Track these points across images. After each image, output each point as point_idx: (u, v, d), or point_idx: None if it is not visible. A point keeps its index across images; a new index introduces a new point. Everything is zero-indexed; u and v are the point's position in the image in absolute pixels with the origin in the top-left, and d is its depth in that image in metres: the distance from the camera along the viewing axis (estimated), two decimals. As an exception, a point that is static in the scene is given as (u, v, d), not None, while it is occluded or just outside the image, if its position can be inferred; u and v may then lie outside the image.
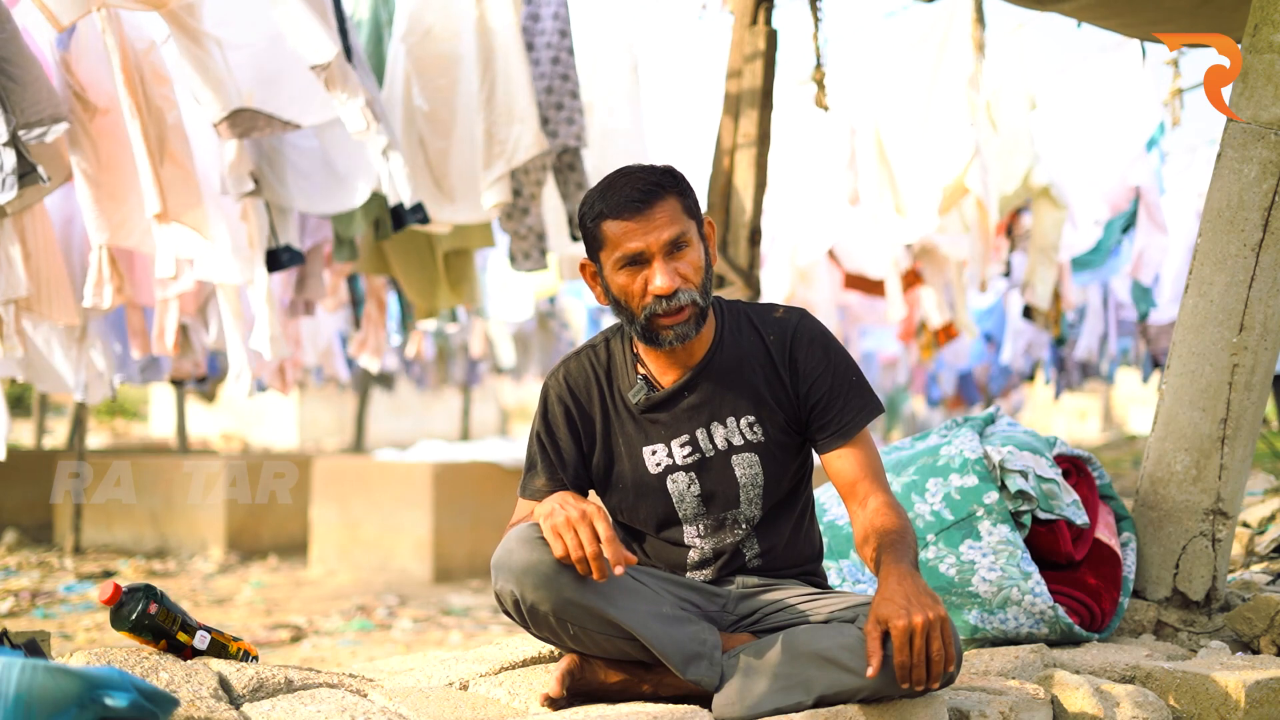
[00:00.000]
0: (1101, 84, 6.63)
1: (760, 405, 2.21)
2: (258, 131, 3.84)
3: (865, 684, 1.97)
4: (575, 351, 2.32)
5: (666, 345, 2.14)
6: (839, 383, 2.20)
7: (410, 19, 4.48)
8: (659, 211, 2.09)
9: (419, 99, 4.48)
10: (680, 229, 2.11)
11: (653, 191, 2.10)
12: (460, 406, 15.87)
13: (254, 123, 3.80)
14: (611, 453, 2.26)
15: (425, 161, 4.53)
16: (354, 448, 13.88)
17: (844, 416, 2.19)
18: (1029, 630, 2.69)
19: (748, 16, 4.27)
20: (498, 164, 4.35)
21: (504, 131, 4.34)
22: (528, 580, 2.02)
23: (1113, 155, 6.69)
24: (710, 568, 2.26)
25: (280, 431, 19.36)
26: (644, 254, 2.10)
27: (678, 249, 2.11)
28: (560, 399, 2.26)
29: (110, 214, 3.95)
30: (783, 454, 2.23)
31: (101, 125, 3.92)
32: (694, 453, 2.22)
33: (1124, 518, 2.95)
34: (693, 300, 2.12)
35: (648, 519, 2.27)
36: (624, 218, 2.09)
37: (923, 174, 5.61)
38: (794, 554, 2.29)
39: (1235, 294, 2.86)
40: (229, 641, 2.22)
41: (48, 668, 1.45)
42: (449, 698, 2.18)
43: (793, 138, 7.04)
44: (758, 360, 2.23)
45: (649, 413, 2.23)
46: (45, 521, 9.60)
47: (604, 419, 2.25)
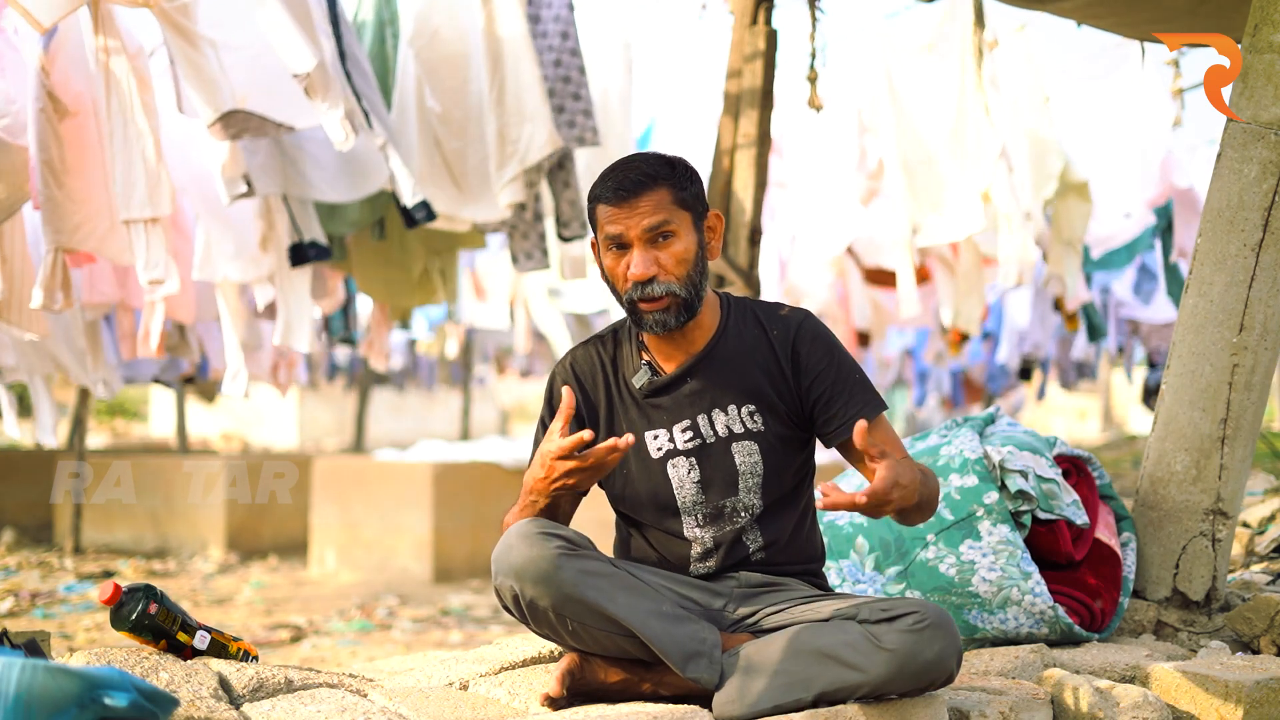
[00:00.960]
0: (1119, 76, 6.60)
1: (761, 396, 2.24)
2: (250, 133, 3.84)
3: (866, 680, 1.98)
4: (584, 341, 2.37)
5: (650, 330, 2.19)
6: (842, 378, 2.23)
7: (417, 22, 4.51)
8: (644, 200, 2.14)
9: (431, 101, 4.52)
10: (663, 218, 2.14)
11: (642, 181, 2.15)
12: (460, 406, 15.87)
13: (246, 124, 3.80)
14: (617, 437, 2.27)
15: (443, 161, 4.58)
16: (354, 448, 13.87)
17: (849, 409, 2.21)
18: (1029, 630, 2.69)
19: (748, 16, 4.27)
20: (511, 164, 4.39)
21: (515, 131, 4.38)
22: (527, 576, 2.03)
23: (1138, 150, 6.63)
24: (713, 559, 2.26)
25: (280, 431, 19.35)
26: (624, 239, 2.15)
27: (661, 239, 2.15)
28: (567, 385, 2.29)
29: (69, 216, 3.92)
30: (783, 446, 2.25)
31: (70, 127, 3.90)
32: (695, 438, 2.24)
33: (1124, 518, 2.95)
34: (670, 291, 2.15)
35: (648, 507, 2.27)
36: (610, 203, 2.16)
37: (957, 174, 5.58)
38: (796, 551, 2.29)
39: (1235, 294, 2.86)
40: (229, 641, 2.22)
41: (48, 668, 1.45)
42: (449, 698, 2.18)
43: (809, 136, 7.04)
44: (760, 353, 2.26)
45: (652, 397, 2.26)
46: (45, 521, 9.59)
47: (608, 406, 2.29)
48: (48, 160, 3.84)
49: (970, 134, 5.48)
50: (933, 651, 1.99)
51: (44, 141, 3.84)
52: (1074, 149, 6.27)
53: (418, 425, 18.53)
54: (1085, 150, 6.51)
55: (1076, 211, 6.25)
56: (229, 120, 3.75)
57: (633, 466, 2.26)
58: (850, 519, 2.85)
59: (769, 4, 4.27)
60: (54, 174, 3.86)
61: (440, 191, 4.53)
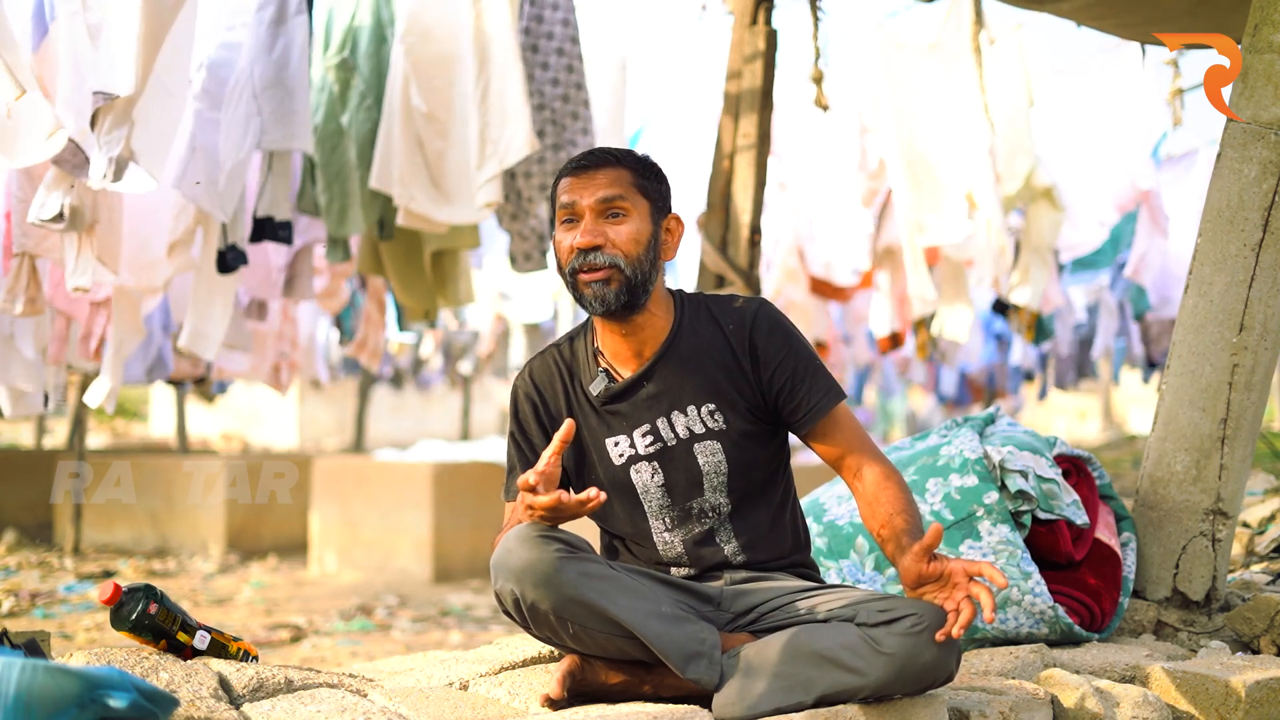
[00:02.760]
0: (1105, 83, 6.60)
1: (719, 394, 2.22)
2: (66, 166, 3.53)
3: (866, 683, 1.98)
4: (540, 351, 2.36)
5: (590, 307, 2.17)
6: (802, 366, 2.22)
7: (410, 19, 4.47)
8: (601, 174, 2.16)
9: (417, 99, 4.47)
10: (618, 192, 2.15)
11: (604, 159, 2.18)
12: (460, 406, 15.87)
13: (73, 158, 3.49)
14: (581, 447, 2.28)
15: (423, 161, 4.52)
16: (354, 448, 13.88)
17: (812, 397, 2.21)
18: (1029, 630, 2.69)
19: (748, 17, 4.27)
20: (490, 164, 4.35)
21: (497, 131, 4.34)
22: (527, 579, 2.02)
23: (1117, 156, 6.64)
24: (687, 561, 2.26)
25: (280, 431, 19.37)
26: (576, 208, 2.16)
27: (613, 215, 2.16)
28: (528, 397, 2.30)
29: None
30: (747, 442, 2.23)
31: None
32: (655, 441, 2.23)
33: (1124, 518, 2.95)
34: (614, 264, 2.14)
35: (618, 515, 2.28)
36: (570, 174, 2.18)
37: (949, 177, 5.58)
38: (776, 545, 2.28)
39: (1235, 294, 2.86)
40: (229, 641, 2.22)
41: (48, 668, 1.45)
42: (449, 698, 2.18)
43: (801, 138, 7.03)
44: (716, 349, 2.24)
45: (609, 404, 2.25)
46: (45, 521, 9.60)
47: (569, 415, 2.27)
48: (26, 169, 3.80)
49: (964, 135, 5.48)
50: (932, 654, 1.98)
51: None
52: (1053, 154, 6.27)
53: (418, 425, 18.54)
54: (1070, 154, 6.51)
55: (1047, 219, 6.25)
56: (65, 151, 3.48)
57: (599, 474, 2.26)
58: (850, 518, 2.85)
59: (769, 4, 4.27)
60: (29, 178, 3.80)
61: (417, 190, 4.49)
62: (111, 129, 3.37)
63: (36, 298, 3.96)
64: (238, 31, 4.28)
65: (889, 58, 5.69)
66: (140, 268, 4.45)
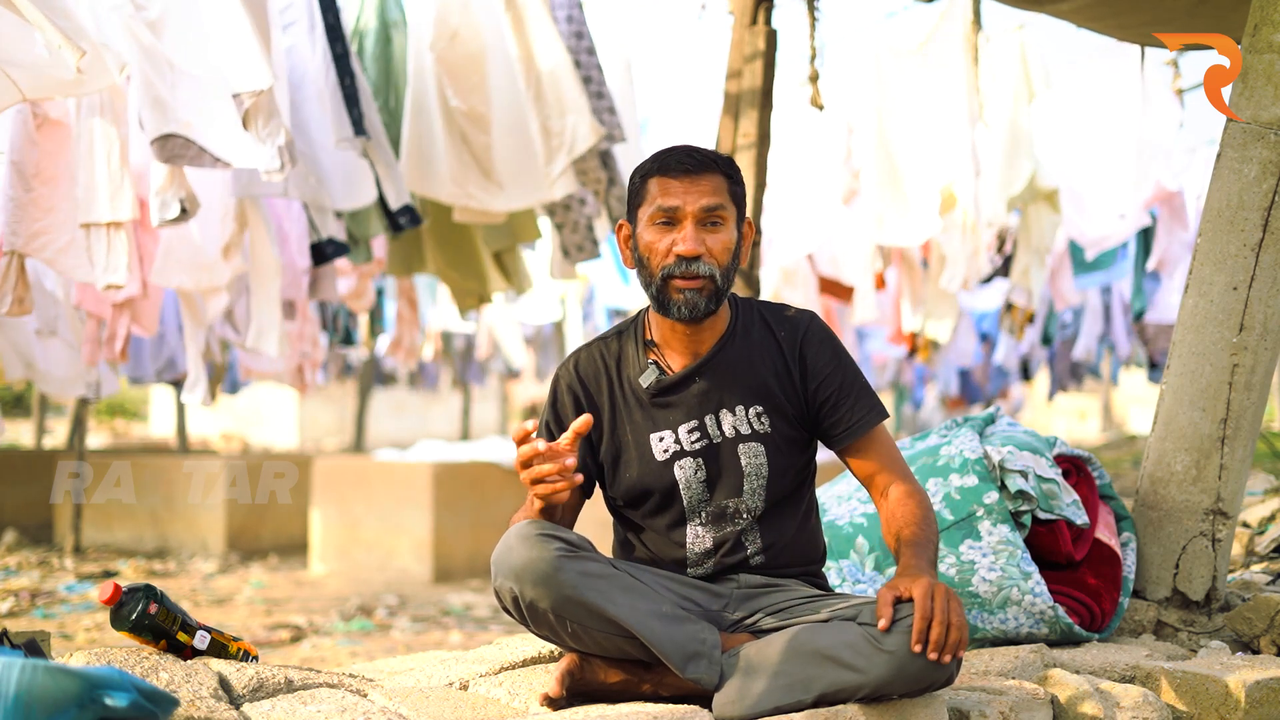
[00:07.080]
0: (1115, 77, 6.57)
1: (768, 398, 2.24)
2: (187, 161, 3.70)
3: (866, 681, 1.98)
4: (587, 343, 2.36)
5: (675, 313, 2.17)
6: (848, 382, 2.25)
7: (436, 26, 4.60)
8: (705, 180, 2.16)
9: (454, 100, 4.60)
10: (720, 202, 2.17)
11: (705, 163, 2.17)
12: (460, 406, 15.87)
13: (185, 151, 3.66)
14: (619, 443, 2.27)
15: (471, 157, 4.65)
16: (354, 448, 13.88)
17: (854, 414, 2.24)
18: (1029, 630, 2.69)
19: (747, 16, 4.27)
20: (560, 156, 4.49)
21: (558, 124, 4.48)
22: (527, 577, 2.03)
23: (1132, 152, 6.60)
24: (711, 560, 2.26)
25: (280, 431, 19.37)
26: (678, 213, 2.15)
27: (713, 223, 2.17)
28: (570, 388, 2.30)
29: (32, 222, 3.89)
30: (788, 448, 2.25)
31: (50, 135, 3.88)
32: (702, 438, 2.24)
33: (1124, 518, 2.95)
34: (711, 275, 2.15)
35: (650, 509, 2.27)
36: (671, 175, 2.16)
37: (923, 176, 5.60)
38: (798, 553, 2.30)
39: (1235, 294, 2.86)
40: (229, 641, 2.22)
41: (48, 668, 1.45)
42: (449, 698, 2.18)
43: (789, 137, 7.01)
44: (768, 354, 2.26)
45: (658, 397, 2.25)
46: (45, 521, 9.59)
47: (612, 409, 2.28)
48: (18, 162, 3.82)
49: (945, 135, 5.49)
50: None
51: (17, 143, 3.82)
52: (1056, 153, 6.24)
53: (418, 425, 18.54)
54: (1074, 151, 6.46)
55: (1046, 221, 6.25)
56: (166, 143, 3.64)
57: (636, 470, 2.26)
58: (850, 518, 2.85)
59: (769, 4, 4.27)
60: (22, 177, 3.84)
61: (472, 185, 4.63)
62: (266, 122, 3.53)
63: (25, 297, 3.97)
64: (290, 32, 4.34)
65: (881, 62, 5.70)
66: (197, 269, 4.57)
